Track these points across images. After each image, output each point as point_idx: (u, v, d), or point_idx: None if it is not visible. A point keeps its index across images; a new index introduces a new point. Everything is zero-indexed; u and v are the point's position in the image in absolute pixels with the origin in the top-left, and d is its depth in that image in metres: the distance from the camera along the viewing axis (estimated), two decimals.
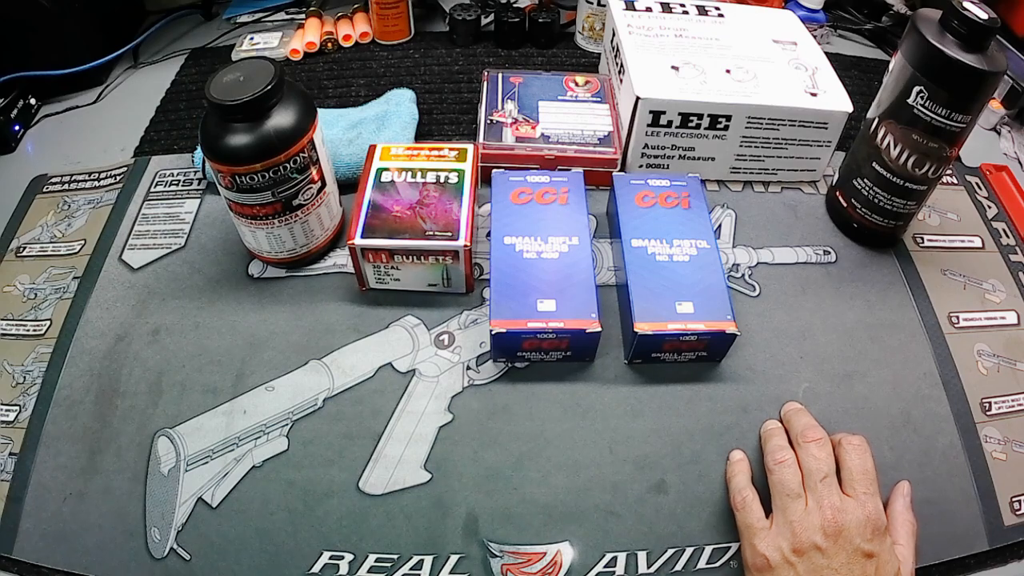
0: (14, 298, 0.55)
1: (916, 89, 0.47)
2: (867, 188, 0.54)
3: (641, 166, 0.61)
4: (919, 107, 0.47)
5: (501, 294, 0.47)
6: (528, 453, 0.46)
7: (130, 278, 0.55)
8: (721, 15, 0.67)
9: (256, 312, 0.52)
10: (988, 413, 0.49)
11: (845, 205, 0.56)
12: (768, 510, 0.42)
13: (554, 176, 0.55)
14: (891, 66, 0.50)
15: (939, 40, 0.45)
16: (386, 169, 0.54)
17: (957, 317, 0.54)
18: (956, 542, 0.45)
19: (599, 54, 0.75)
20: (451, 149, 0.56)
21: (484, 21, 0.80)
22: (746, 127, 0.58)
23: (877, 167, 0.52)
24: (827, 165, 0.62)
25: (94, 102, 0.73)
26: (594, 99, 0.65)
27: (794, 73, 0.60)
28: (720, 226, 0.59)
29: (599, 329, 0.46)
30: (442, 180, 0.54)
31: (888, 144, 0.50)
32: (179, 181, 0.62)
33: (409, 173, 0.54)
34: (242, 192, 0.47)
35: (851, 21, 0.85)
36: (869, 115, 0.53)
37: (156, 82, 0.75)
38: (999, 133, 0.72)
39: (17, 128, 0.69)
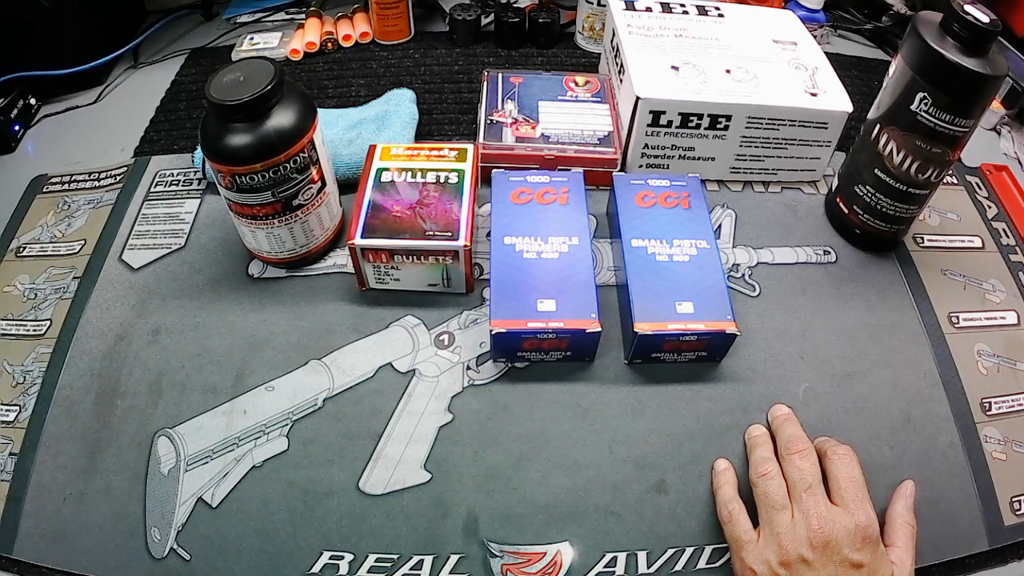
0: (14, 298, 0.55)
1: (919, 96, 0.47)
2: (869, 194, 0.53)
3: (641, 166, 0.61)
4: (922, 113, 0.47)
5: (501, 294, 0.47)
6: (528, 453, 0.46)
7: (130, 278, 0.55)
8: (721, 15, 0.67)
9: (256, 312, 0.52)
10: (988, 413, 0.49)
11: (847, 211, 0.56)
12: (756, 521, 0.41)
13: (554, 176, 0.55)
14: (891, 69, 0.49)
15: (940, 44, 0.45)
16: (386, 169, 0.54)
17: (957, 317, 0.54)
18: (956, 542, 0.45)
19: (599, 54, 0.75)
20: (451, 149, 0.56)
21: (484, 21, 0.80)
22: (746, 127, 0.58)
23: (879, 173, 0.52)
24: (827, 165, 0.62)
25: (94, 102, 0.73)
26: (594, 99, 0.65)
27: (794, 73, 0.60)
28: (720, 226, 0.59)
29: (599, 329, 0.46)
30: (442, 180, 0.54)
31: (891, 150, 0.50)
32: (179, 181, 0.62)
33: (409, 173, 0.54)
34: (242, 192, 0.47)
35: (851, 21, 0.85)
36: (869, 117, 0.52)
37: (156, 82, 0.75)
38: (999, 133, 0.72)
39: (17, 128, 0.69)
